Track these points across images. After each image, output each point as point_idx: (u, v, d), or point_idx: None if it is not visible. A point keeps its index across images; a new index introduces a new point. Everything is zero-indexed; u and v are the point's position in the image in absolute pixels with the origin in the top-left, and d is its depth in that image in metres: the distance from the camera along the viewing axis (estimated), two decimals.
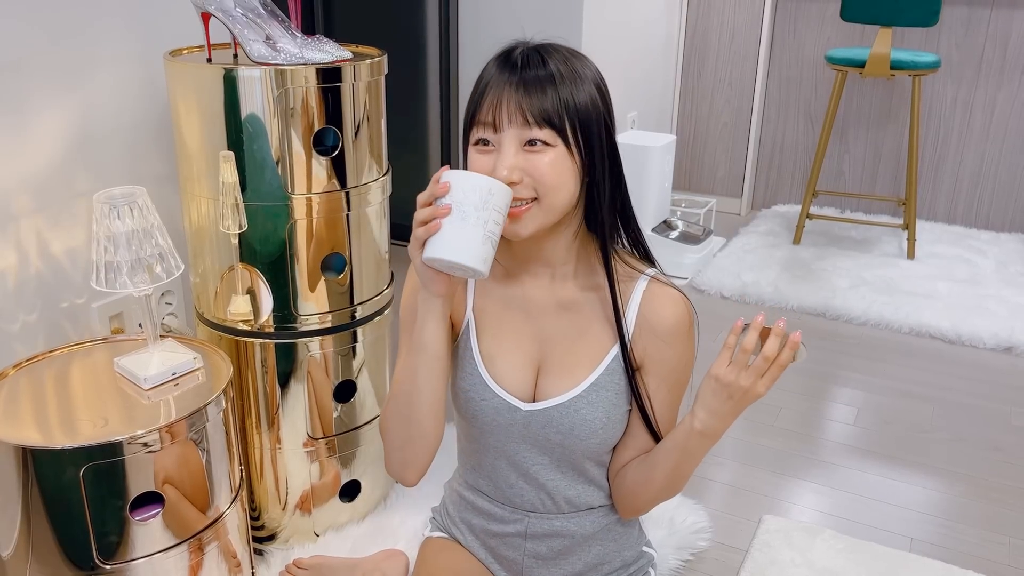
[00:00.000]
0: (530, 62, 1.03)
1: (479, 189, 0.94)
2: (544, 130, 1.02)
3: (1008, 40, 3.32)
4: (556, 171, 1.03)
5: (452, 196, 0.95)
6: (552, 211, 1.06)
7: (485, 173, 1.02)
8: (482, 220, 0.95)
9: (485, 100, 1.03)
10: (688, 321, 1.15)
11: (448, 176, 0.97)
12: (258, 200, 1.40)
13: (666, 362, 1.15)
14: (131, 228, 1.22)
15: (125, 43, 1.56)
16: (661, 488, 1.17)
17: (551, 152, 1.03)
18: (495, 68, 1.04)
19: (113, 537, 1.19)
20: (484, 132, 1.04)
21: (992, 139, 3.45)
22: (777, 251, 3.26)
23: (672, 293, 1.15)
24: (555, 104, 1.01)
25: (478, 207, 0.94)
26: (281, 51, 1.38)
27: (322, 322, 1.49)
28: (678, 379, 1.17)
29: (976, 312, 2.73)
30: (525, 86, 1.01)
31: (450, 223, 0.95)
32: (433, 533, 1.39)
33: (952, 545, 1.70)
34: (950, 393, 2.30)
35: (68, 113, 1.48)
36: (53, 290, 1.51)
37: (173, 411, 1.23)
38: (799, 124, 3.75)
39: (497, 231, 0.97)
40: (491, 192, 0.95)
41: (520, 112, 1.01)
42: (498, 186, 0.96)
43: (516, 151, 1.03)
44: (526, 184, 1.03)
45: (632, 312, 1.15)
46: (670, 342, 1.14)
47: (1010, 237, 3.46)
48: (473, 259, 0.95)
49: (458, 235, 0.94)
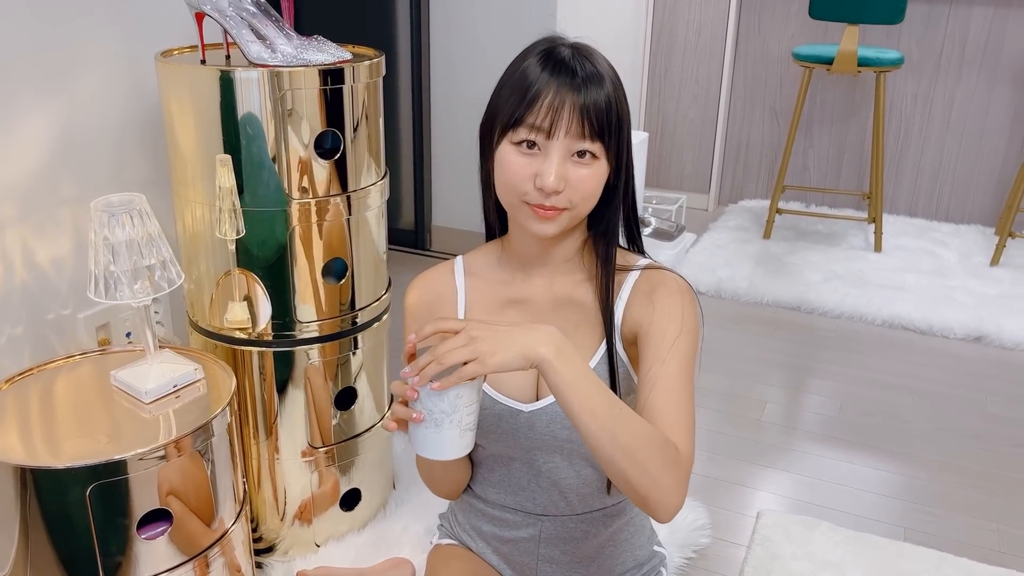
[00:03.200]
0: (584, 67, 1.01)
1: (446, 398, 0.92)
2: (596, 143, 1.02)
3: (966, 36, 3.41)
4: (594, 183, 1.04)
5: (422, 403, 0.93)
6: (579, 217, 1.07)
7: (526, 177, 1.02)
8: (455, 421, 0.93)
9: (541, 104, 1.00)
10: (677, 285, 1.09)
11: (421, 391, 0.92)
12: (256, 205, 1.36)
13: (653, 320, 1.07)
14: (131, 236, 1.18)
15: (109, 43, 1.50)
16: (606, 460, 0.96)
17: (595, 165, 1.03)
18: (545, 70, 1.02)
19: (119, 557, 1.15)
20: (534, 136, 1.02)
21: (951, 133, 3.54)
22: (748, 246, 3.30)
23: (667, 271, 1.14)
24: (609, 117, 1.01)
25: (448, 412, 0.92)
26: (278, 52, 1.34)
27: (322, 329, 1.46)
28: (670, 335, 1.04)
29: (945, 303, 2.79)
30: (587, 97, 1.00)
31: (425, 427, 0.94)
32: (442, 540, 1.38)
33: (943, 533, 1.74)
34: (926, 383, 2.36)
35: (52, 117, 1.43)
36: (39, 301, 1.45)
37: (174, 426, 1.19)
38: (764, 120, 3.80)
39: (473, 418, 0.95)
40: (459, 396, 0.92)
41: (580, 123, 1.00)
42: (467, 389, 0.92)
43: (564, 159, 1.02)
44: (564, 194, 1.03)
45: (622, 299, 1.13)
46: (660, 300, 1.08)
47: (970, 229, 3.55)
48: (453, 453, 0.95)
49: (434, 439, 0.94)
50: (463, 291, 1.19)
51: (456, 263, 1.22)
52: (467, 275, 1.20)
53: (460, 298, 1.19)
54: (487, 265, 1.20)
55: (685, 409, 1.02)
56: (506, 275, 1.18)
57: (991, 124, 3.48)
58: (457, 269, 1.21)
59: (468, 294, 1.19)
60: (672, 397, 1.02)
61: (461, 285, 1.19)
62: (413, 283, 1.22)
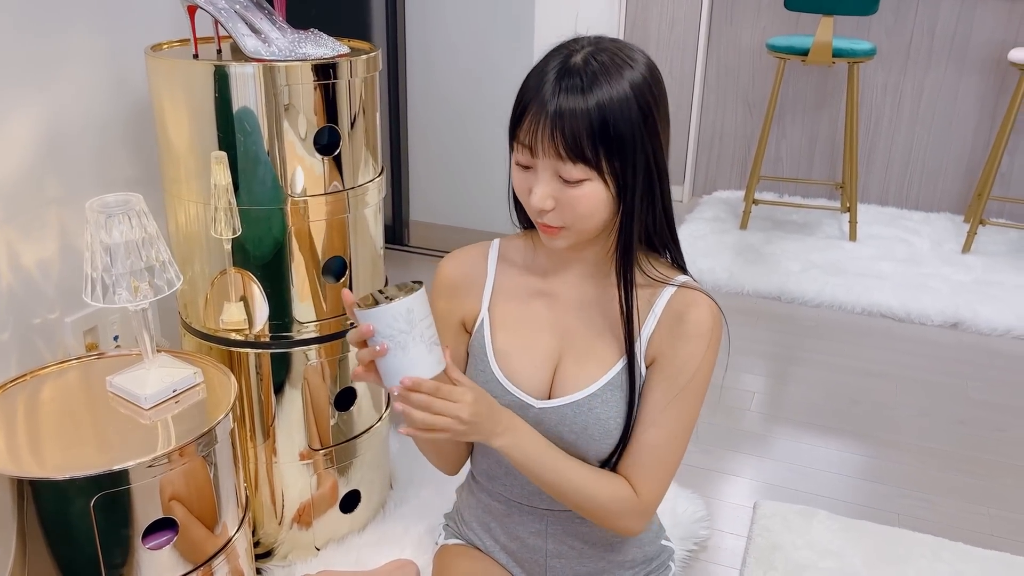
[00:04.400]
0: (571, 85, 0.96)
1: (399, 317, 0.91)
2: (578, 166, 0.98)
3: (935, 27, 3.46)
4: (588, 204, 1.00)
5: (380, 333, 0.92)
6: (583, 234, 1.05)
7: (524, 193, 1.03)
8: (418, 336, 0.93)
9: (524, 121, 0.99)
10: (710, 325, 1.09)
11: (363, 317, 0.93)
12: (252, 203, 1.33)
13: (673, 358, 1.09)
14: (128, 238, 1.14)
15: (92, 38, 1.45)
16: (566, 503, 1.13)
17: (585, 186, 0.99)
18: (537, 83, 0.99)
19: (123, 569, 1.12)
20: (523, 154, 1.01)
21: (921, 123, 3.59)
22: (726, 236, 3.32)
23: (701, 296, 1.11)
24: (591, 138, 0.96)
25: (406, 330, 0.92)
26: (273, 45, 1.31)
27: (320, 329, 1.43)
28: (679, 380, 1.08)
29: (921, 291, 2.84)
30: (561, 117, 0.96)
31: (393, 355, 0.93)
32: (448, 540, 1.36)
33: (936, 519, 1.76)
34: (908, 370, 2.39)
35: (35, 114, 1.37)
36: (25, 305, 1.40)
37: (177, 432, 1.16)
38: (738, 111, 3.82)
39: (433, 331, 0.96)
40: (410, 310, 0.92)
41: (553, 146, 0.97)
42: (412, 299, 0.92)
43: (551, 178, 1.00)
44: (556, 214, 1.01)
45: (655, 315, 1.11)
46: (684, 338, 1.09)
47: (939, 217, 3.61)
48: (431, 369, 0.95)
49: (404, 361, 0.93)
50: (492, 276, 1.18)
51: (492, 246, 1.21)
52: (500, 260, 1.19)
53: (488, 283, 1.18)
54: (522, 253, 1.19)
55: (667, 461, 1.11)
56: (537, 267, 1.17)
57: (959, 114, 3.54)
58: (492, 252, 1.20)
59: (497, 279, 1.18)
60: (659, 452, 1.10)
61: (492, 269, 1.18)
62: (448, 257, 1.21)
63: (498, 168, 2.93)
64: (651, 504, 1.12)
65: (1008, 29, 3.38)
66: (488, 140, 2.91)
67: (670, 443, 1.11)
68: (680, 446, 1.12)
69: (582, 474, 1.10)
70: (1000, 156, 3.15)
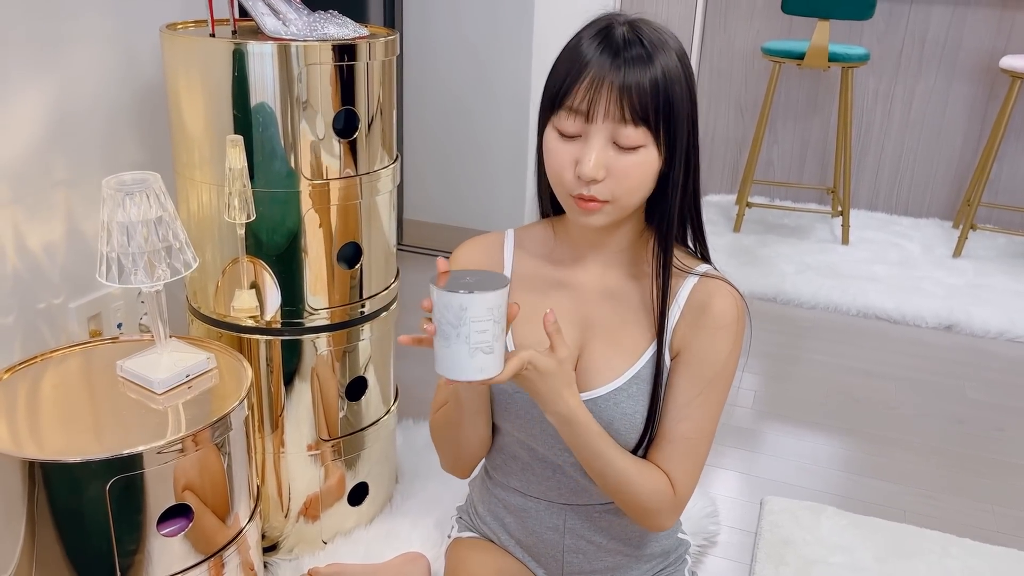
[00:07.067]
0: (632, 48, 0.96)
1: (451, 307, 0.89)
2: (639, 128, 0.96)
3: (926, 34, 3.50)
4: (639, 174, 0.99)
5: (434, 313, 0.91)
6: (625, 210, 1.03)
7: (567, 164, 0.99)
8: (463, 336, 0.90)
9: (581, 85, 0.96)
10: (734, 316, 1.08)
11: (431, 291, 0.92)
12: (267, 187, 1.30)
13: (699, 351, 1.08)
14: (146, 217, 1.11)
15: (102, 18, 1.42)
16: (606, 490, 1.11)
17: (640, 153, 0.98)
18: (593, 48, 0.97)
19: (135, 557, 1.09)
20: (574, 120, 0.98)
21: (911, 129, 3.63)
22: (720, 239, 3.33)
23: (724, 285, 1.10)
24: (655, 101, 0.96)
25: (455, 324, 0.90)
26: (291, 25, 1.29)
27: (332, 317, 1.41)
28: (705, 373, 1.07)
29: (915, 293, 2.85)
30: (627, 78, 0.95)
31: (438, 341, 0.91)
32: (462, 534, 1.34)
33: (942, 515, 1.76)
34: (905, 371, 2.40)
35: (43, 94, 1.34)
36: (30, 289, 1.37)
37: (188, 418, 1.13)
38: (730, 115, 3.84)
39: (487, 338, 0.91)
40: (463, 308, 0.89)
41: (619, 107, 0.95)
42: (471, 300, 0.89)
43: (605, 145, 0.97)
44: (606, 184, 0.99)
45: (679, 305, 1.09)
46: (709, 330, 1.07)
47: (929, 222, 3.64)
48: (464, 374, 0.92)
49: (444, 353, 0.92)
50: (510, 263, 1.15)
51: (507, 235, 1.18)
52: (516, 248, 1.17)
53: (507, 271, 1.15)
54: (540, 242, 1.16)
55: (698, 455, 1.10)
56: (557, 256, 1.14)
57: (949, 121, 3.57)
58: (507, 241, 1.18)
59: (515, 266, 1.15)
60: (690, 445, 1.09)
61: (509, 257, 1.16)
62: (462, 245, 1.18)
63: (495, 166, 2.92)
64: (684, 498, 1.11)
65: (999, 37, 3.42)
66: (485, 139, 2.89)
67: (700, 436, 1.10)
68: (709, 439, 1.11)
69: (627, 464, 1.07)
70: (991, 163, 3.19)
